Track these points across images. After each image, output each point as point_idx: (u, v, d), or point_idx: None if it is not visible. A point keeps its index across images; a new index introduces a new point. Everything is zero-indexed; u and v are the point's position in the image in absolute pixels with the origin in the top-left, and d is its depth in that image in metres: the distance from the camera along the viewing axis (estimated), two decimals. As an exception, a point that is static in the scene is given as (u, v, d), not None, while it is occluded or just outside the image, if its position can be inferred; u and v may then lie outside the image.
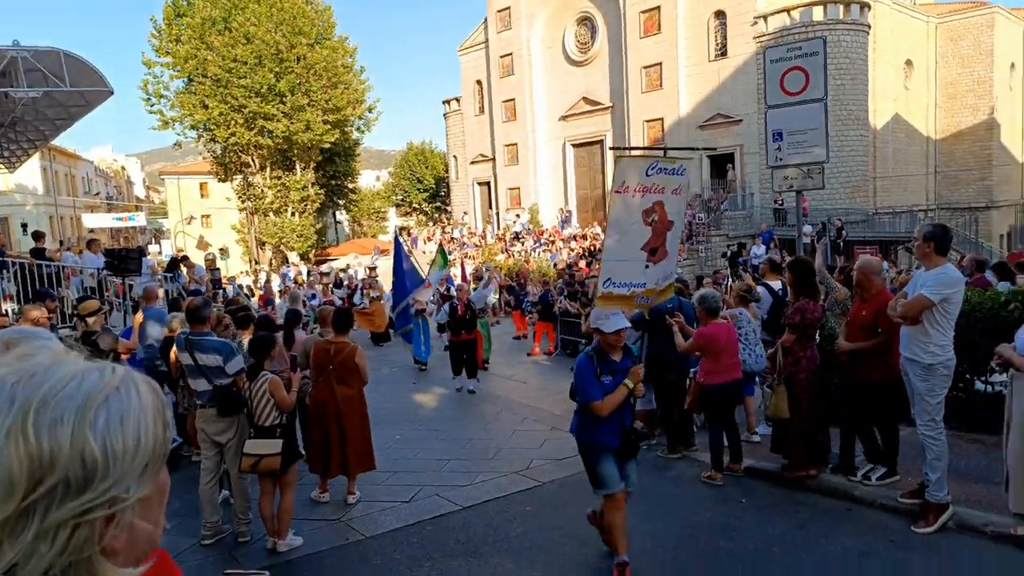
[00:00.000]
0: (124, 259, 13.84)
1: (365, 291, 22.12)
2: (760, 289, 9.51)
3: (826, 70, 10.18)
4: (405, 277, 14.20)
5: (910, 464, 6.84)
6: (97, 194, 63.86)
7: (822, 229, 26.35)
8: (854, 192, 33.35)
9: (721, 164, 34.84)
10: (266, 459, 6.30)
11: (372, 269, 26.33)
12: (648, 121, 37.49)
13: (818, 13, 32.01)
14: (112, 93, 16.04)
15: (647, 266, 6.99)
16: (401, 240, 15.30)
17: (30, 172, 45.13)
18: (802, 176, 10.59)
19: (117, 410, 0.90)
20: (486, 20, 46.08)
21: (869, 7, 33.66)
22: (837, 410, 7.22)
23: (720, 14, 34.82)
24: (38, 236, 15.97)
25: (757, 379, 9.22)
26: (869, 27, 33.43)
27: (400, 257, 14.30)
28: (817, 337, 7.54)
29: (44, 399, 0.86)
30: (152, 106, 43.14)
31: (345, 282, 26.64)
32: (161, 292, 12.98)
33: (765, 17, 32.91)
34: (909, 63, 40.73)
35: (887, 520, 6.30)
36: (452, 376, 13.70)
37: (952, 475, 6.18)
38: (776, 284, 9.60)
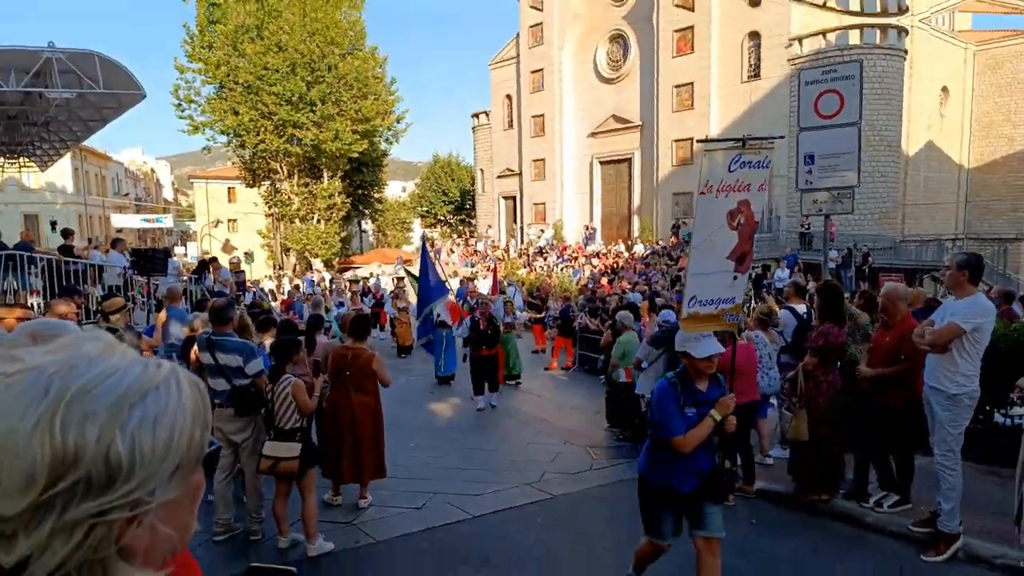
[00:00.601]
0: (150, 259, 14.06)
1: (394, 301, 22.03)
2: (784, 312, 9.48)
3: (862, 94, 10.13)
4: (431, 286, 13.93)
5: (923, 493, 6.79)
6: (126, 195, 65.00)
7: (848, 255, 26.16)
8: (882, 219, 33.09)
9: (749, 186, 34.67)
10: (284, 462, 6.34)
11: (400, 279, 26.29)
12: (677, 141, 37.48)
13: (854, 36, 31.89)
14: (145, 96, 16.28)
15: (735, 277, 6.02)
16: (428, 248, 14.96)
17: (61, 172, 46.23)
18: (832, 200, 10.53)
19: (153, 409, 0.88)
20: (518, 35, 46.39)
21: (907, 32, 33.50)
22: (855, 436, 7.20)
23: (754, 35, 34.83)
24: (67, 233, 16.13)
25: (774, 402, 9.19)
26: (906, 52, 33.25)
27: (426, 266, 13.96)
28: (839, 362, 7.51)
29: (79, 392, 0.84)
30: (183, 111, 43.66)
31: (372, 291, 26.66)
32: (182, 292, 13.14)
33: (800, 39, 32.84)
34: (945, 90, 40.44)
35: (897, 547, 6.29)
36: (472, 395, 13.37)
37: (965, 506, 6.13)
38: (801, 308, 9.57)
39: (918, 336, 6.07)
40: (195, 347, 7.52)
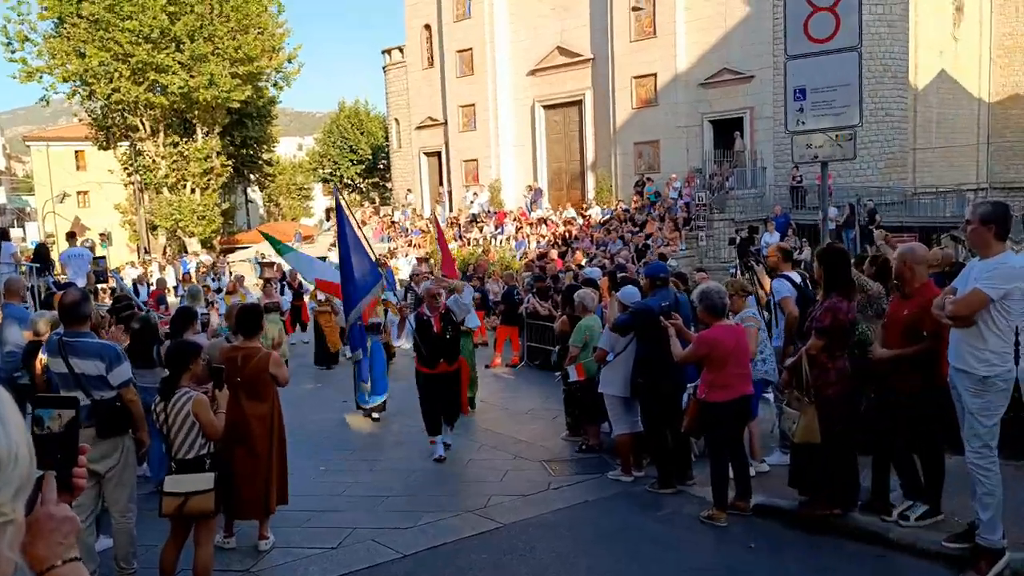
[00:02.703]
0: (-24, 244, 13.59)
1: (313, 292, 20.92)
2: (778, 282, 9.47)
3: (861, 11, 10.13)
4: (355, 265, 10.46)
5: (956, 501, 6.85)
6: (-57, 164, 62.91)
7: (850, 212, 26.51)
8: (890, 167, 33.60)
9: (727, 131, 34.94)
10: (195, 498, 6.12)
11: (322, 260, 25.30)
12: (637, 77, 37.44)
13: (847, -55, 32.20)
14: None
15: None
16: (345, 209, 11.29)
17: None
18: (830, 144, 10.53)
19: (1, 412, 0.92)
20: (437, -51, 45.94)
21: (910, -61, 34.00)
22: (869, 434, 7.22)
23: (727, -56, 34.95)
24: None
25: (768, 395, 9.26)
26: (910, -36, 33.75)
27: (345, 236, 10.51)
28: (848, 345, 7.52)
29: None
30: (13, 53, 42.37)
31: (288, 280, 25.77)
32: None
33: (782, -51, 33.04)
34: (959, 9, 41.11)
35: (928, 568, 6.34)
36: (429, 440, 10.71)
37: (1008, 514, 6.17)
38: (795, 276, 9.62)
39: (938, 308, 6.10)
40: (41, 354, 7.28)
